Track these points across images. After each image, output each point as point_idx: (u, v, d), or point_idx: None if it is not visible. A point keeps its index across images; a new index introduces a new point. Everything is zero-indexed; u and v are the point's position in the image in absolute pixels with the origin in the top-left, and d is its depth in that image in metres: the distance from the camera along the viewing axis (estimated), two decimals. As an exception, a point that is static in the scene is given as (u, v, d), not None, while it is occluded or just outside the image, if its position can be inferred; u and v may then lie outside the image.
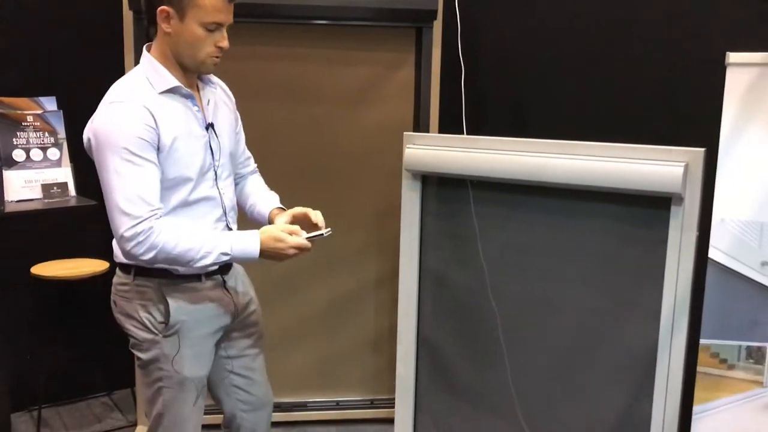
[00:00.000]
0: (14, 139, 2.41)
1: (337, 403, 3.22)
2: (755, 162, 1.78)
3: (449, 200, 2.47)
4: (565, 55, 2.87)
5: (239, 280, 2.04)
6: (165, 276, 1.82)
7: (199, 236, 1.76)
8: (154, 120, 1.72)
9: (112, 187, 1.70)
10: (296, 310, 3.14)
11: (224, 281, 1.95)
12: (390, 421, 2.75)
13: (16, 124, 2.42)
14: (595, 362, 2.24)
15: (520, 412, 2.39)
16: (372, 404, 3.20)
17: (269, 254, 1.81)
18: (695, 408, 1.92)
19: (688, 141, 2.02)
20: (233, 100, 2.05)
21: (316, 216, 1.93)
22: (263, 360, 2.15)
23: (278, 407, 3.12)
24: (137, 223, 1.69)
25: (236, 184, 2.07)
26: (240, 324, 2.03)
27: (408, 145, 2.47)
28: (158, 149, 1.73)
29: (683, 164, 1.99)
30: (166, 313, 1.83)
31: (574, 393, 2.30)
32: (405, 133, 2.50)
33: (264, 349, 2.15)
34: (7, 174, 2.37)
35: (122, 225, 1.69)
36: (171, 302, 1.83)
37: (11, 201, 2.35)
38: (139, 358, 1.89)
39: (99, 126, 1.72)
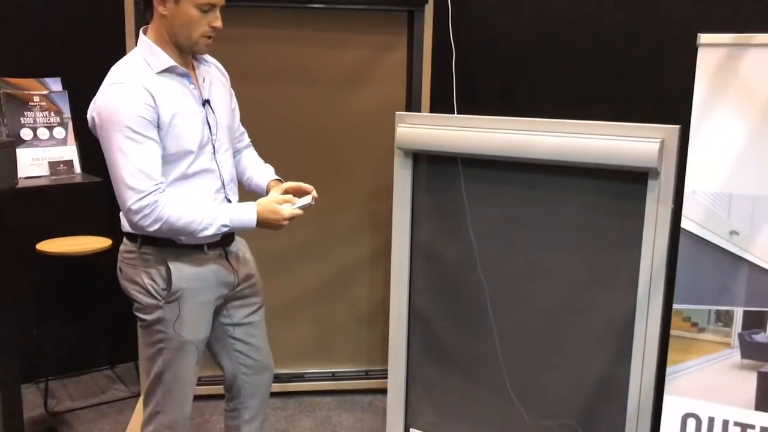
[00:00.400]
0: (22, 119, 2.51)
1: (333, 374, 3.34)
2: (724, 137, 1.89)
3: (440, 177, 2.57)
4: (550, 38, 2.97)
5: (241, 251, 2.15)
6: (169, 245, 1.93)
7: (201, 209, 1.88)
8: (153, 99, 1.83)
9: (117, 163, 1.81)
10: (293, 285, 3.24)
11: (226, 252, 2.06)
12: (383, 391, 2.85)
13: (23, 104, 2.51)
14: (577, 328, 2.36)
15: (507, 378, 2.51)
16: (366, 375, 3.32)
17: (265, 224, 1.94)
18: (668, 369, 2.04)
19: (665, 117, 2.13)
20: (227, 77, 2.16)
21: (307, 186, 2.04)
22: (264, 328, 2.25)
23: (276, 378, 3.20)
24: (143, 197, 1.80)
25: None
26: (240, 293, 2.14)
27: (400, 125, 2.57)
28: (158, 126, 1.84)
29: (659, 140, 2.10)
30: (168, 280, 1.94)
31: (557, 358, 2.42)
32: (397, 112, 2.60)
33: (263, 317, 2.25)
34: (17, 152, 2.47)
35: (129, 199, 1.81)
36: (173, 270, 1.94)
37: (20, 178, 2.44)
38: (142, 320, 2.00)
39: (102, 106, 1.83)
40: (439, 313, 2.67)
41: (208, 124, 1.97)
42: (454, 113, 2.91)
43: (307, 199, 1.99)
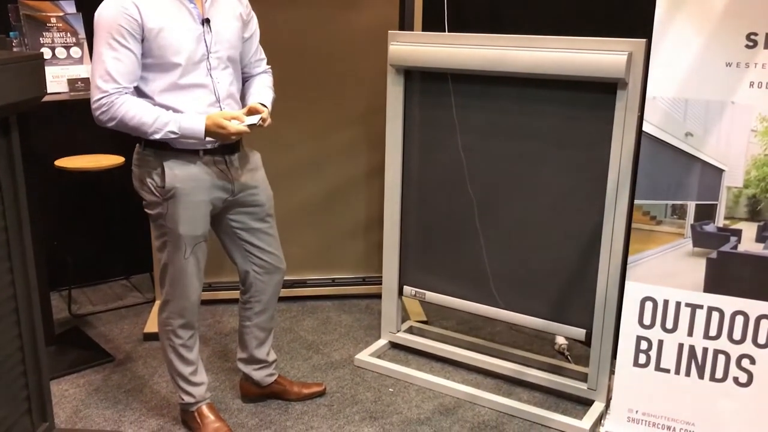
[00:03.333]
0: (41, 39, 2.70)
1: (333, 280, 3.60)
2: (681, 46, 2.09)
3: (430, 92, 2.78)
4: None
5: (248, 162, 2.36)
6: (165, 148, 2.17)
7: (155, 114, 2.11)
8: (139, 12, 2.06)
9: (94, 65, 2.10)
10: (295, 199, 3.46)
11: (226, 160, 2.27)
12: (379, 296, 3.12)
13: (42, 24, 2.70)
14: (553, 224, 2.60)
15: (491, 273, 2.78)
16: (364, 281, 3.59)
17: (214, 136, 2.16)
18: (630, 258, 2.30)
19: (641, 32, 2.31)
20: (246, 4, 2.34)
21: (260, 107, 2.23)
22: (274, 234, 2.47)
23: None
24: (103, 96, 2.08)
25: (245, 81, 2.39)
26: (241, 201, 2.35)
27: (392, 43, 2.77)
28: (143, 37, 2.09)
29: (627, 53, 2.31)
30: (163, 179, 2.18)
31: (535, 254, 2.67)
32: (390, 31, 2.78)
33: (273, 225, 2.46)
34: (37, 70, 2.67)
35: (93, 96, 2.10)
36: (167, 170, 2.17)
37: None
38: (149, 215, 2.27)
39: (97, 14, 2.10)
40: (429, 215, 2.90)
41: (205, 41, 2.17)
42: (445, 32, 3.09)
43: (254, 119, 2.17)
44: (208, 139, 2.16)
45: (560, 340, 3.12)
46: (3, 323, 1.99)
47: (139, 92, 2.14)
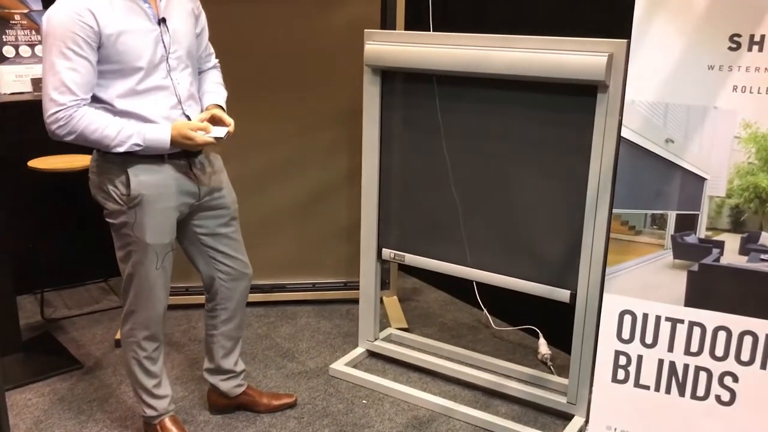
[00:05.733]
0: (4, 36, 2.61)
1: (313, 284, 3.51)
2: (662, 49, 1.98)
3: (408, 93, 2.67)
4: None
5: (210, 164, 2.27)
6: (128, 154, 2.06)
7: (117, 126, 2.00)
8: (95, 19, 1.93)
9: (46, 75, 1.96)
10: (274, 201, 3.38)
11: (190, 163, 2.18)
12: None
13: (5, 22, 2.61)
14: (535, 232, 2.50)
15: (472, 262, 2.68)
16: (345, 286, 3.50)
17: (180, 146, 2.07)
18: (608, 269, 2.19)
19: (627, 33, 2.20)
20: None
21: (227, 119, 2.15)
22: (239, 239, 2.38)
23: (259, 289, 3.43)
24: (60, 110, 1.95)
25: None
26: (207, 205, 2.26)
27: (368, 42, 2.66)
28: (100, 45, 1.96)
29: (607, 54, 2.20)
30: (128, 187, 2.08)
31: (518, 259, 2.57)
32: (366, 30, 2.68)
33: (238, 229, 2.37)
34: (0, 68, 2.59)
35: (48, 110, 1.96)
36: (132, 177, 2.07)
37: (4, 93, 2.56)
38: (111, 224, 2.16)
39: (45, 19, 1.95)
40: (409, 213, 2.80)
41: (163, 42, 2.07)
42: (430, 31, 2.99)
43: (222, 131, 2.10)
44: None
45: (543, 350, 3.02)
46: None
47: (95, 99, 2.03)
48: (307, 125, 3.34)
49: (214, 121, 2.13)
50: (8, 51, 2.60)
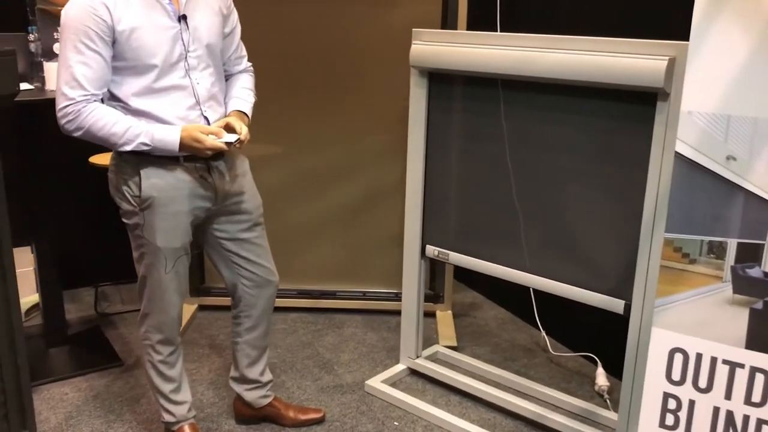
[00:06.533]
0: (54, 34, 2.63)
1: (364, 293, 3.39)
2: (724, 54, 1.72)
3: (456, 96, 2.50)
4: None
5: (230, 171, 2.15)
6: (143, 154, 2.00)
7: (126, 125, 1.94)
8: (109, 13, 1.88)
9: (60, 69, 1.93)
10: (325, 204, 3.29)
11: (209, 166, 2.09)
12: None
13: (55, 19, 2.63)
14: (592, 242, 2.26)
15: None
16: (396, 297, 3.34)
17: (189, 150, 1.98)
18: (657, 301, 1.93)
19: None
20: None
21: (234, 123, 2.04)
22: (264, 245, 2.28)
23: (308, 294, 3.35)
24: (70, 104, 1.91)
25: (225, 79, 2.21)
26: (226, 210, 2.18)
27: (415, 42, 2.51)
28: (114, 40, 1.91)
29: (667, 58, 1.95)
30: (139, 188, 2.02)
31: (574, 267, 2.34)
32: (414, 29, 2.53)
33: (262, 234, 2.28)
34: (48, 65, 2.61)
35: (59, 104, 1.93)
36: (144, 179, 2.01)
37: (52, 90, 2.58)
38: (126, 225, 2.11)
39: (64, 12, 1.92)
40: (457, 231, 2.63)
41: (182, 40, 2.00)
42: (497, 31, 2.81)
43: (232, 137, 2.01)
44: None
45: (601, 381, 2.77)
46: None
47: (111, 96, 1.99)
48: (362, 128, 3.23)
49: (229, 129, 2.04)
50: (58, 48, 2.61)
